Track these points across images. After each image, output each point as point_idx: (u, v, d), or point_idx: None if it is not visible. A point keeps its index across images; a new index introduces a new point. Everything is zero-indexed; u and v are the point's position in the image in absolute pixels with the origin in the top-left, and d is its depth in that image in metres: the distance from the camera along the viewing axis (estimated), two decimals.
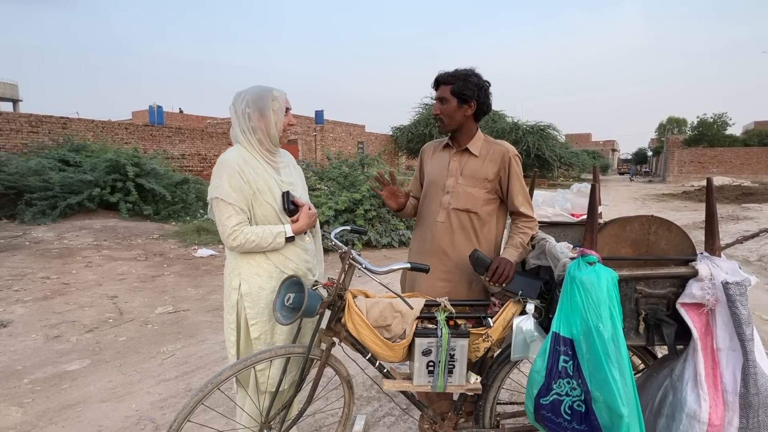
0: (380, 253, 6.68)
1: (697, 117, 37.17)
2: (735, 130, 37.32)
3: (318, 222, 1.90)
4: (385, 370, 1.72)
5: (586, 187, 2.12)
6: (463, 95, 1.74)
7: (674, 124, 53.13)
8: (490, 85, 1.82)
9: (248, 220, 1.64)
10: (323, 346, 1.66)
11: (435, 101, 1.82)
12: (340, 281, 1.60)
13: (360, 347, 1.66)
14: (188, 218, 9.34)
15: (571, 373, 1.30)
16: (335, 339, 1.67)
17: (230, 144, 1.76)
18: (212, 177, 1.62)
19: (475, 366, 1.73)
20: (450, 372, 1.66)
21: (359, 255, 1.63)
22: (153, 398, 2.58)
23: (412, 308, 1.60)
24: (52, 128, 11.38)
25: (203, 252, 6.45)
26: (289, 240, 1.67)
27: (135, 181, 9.03)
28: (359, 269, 1.57)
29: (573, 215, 2.09)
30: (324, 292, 1.62)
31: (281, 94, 1.68)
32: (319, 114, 23.90)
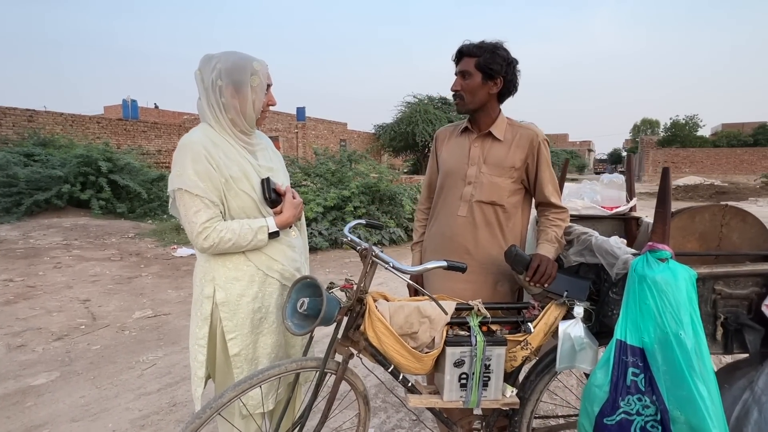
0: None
1: (670, 118, 38.40)
2: (704, 131, 38.67)
3: (303, 214, 1.63)
4: (409, 384, 1.50)
5: (618, 177, 1.96)
6: (490, 70, 1.54)
7: (648, 125, 54.74)
8: (518, 62, 1.62)
9: (221, 215, 1.37)
10: (339, 357, 1.43)
11: (456, 75, 1.60)
12: (362, 283, 1.38)
13: (381, 358, 1.43)
14: (165, 216, 8.89)
15: (643, 389, 1.11)
16: (353, 350, 1.45)
17: None
18: (173, 163, 1.34)
19: (510, 377, 1.53)
20: (485, 385, 1.46)
21: (382, 251, 1.40)
22: (133, 415, 2.29)
23: (446, 313, 1.39)
24: (16, 121, 10.71)
25: (183, 251, 6.08)
26: (273, 236, 1.42)
27: (108, 177, 8.54)
28: (386, 269, 1.34)
29: (604, 208, 1.92)
30: (342, 296, 1.39)
31: (262, 67, 1.39)
32: (300, 111, 23.43)
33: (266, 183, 1.43)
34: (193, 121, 17.71)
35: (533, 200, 1.72)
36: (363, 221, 1.74)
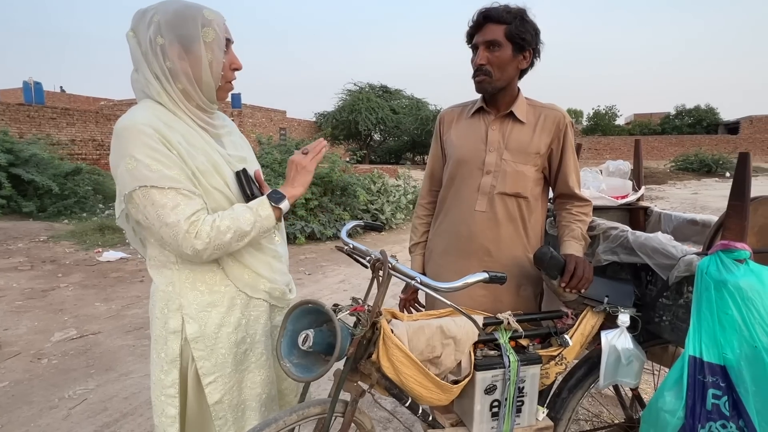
0: (326, 246, 6.10)
1: (592, 108, 41.54)
2: (620, 121, 42.31)
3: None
4: (430, 418, 1.25)
5: (624, 164, 1.83)
6: (522, 40, 1.30)
7: (572, 114, 58.80)
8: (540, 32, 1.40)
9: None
10: (344, 395, 1.14)
11: (478, 47, 1.34)
12: (377, 304, 1.09)
13: (397, 391, 1.17)
14: (85, 215, 7.84)
15: (728, 413, 0.96)
16: (363, 385, 1.16)
17: None
18: (117, 158, 0.96)
19: (540, 397, 1.33)
20: (518, 411, 1.25)
21: (398, 262, 1.12)
22: None
23: (481, 330, 1.15)
24: None
25: (110, 255, 5.33)
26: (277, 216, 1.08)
27: (8, 172, 7.31)
28: (414, 285, 1.06)
29: (611, 198, 1.78)
30: (350, 321, 1.10)
31: (217, 17, 1.03)
32: (235, 97, 22.02)
33: (244, 175, 1.10)
34: (112, 108, 15.84)
35: (549, 191, 1.53)
36: (361, 222, 1.45)
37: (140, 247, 1.15)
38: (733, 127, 35.25)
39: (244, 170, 1.11)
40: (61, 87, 26.96)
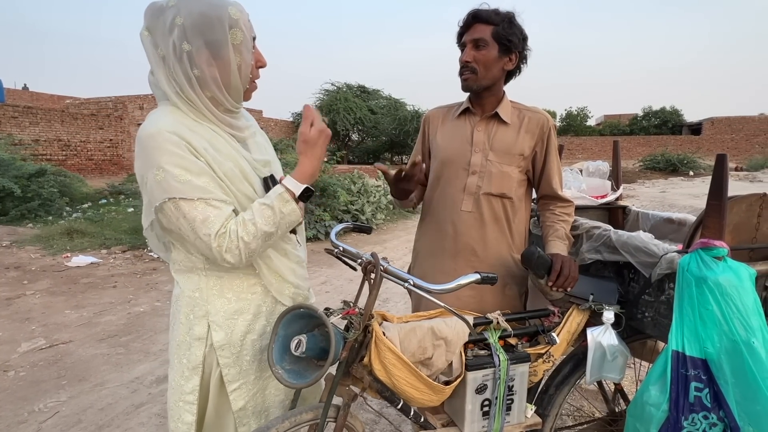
0: (306, 248, 6.03)
1: (565, 109, 42.69)
2: (591, 122, 43.64)
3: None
4: (421, 420, 1.25)
5: (603, 164, 1.88)
6: (508, 42, 1.33)
7: None
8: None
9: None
10: (337, 400, 1.13)
11: (465, 44, 1.37)
12: (369, 307, 1.08)
13: (389, 394, 1.16)
14: (51, 218, 7.50)
15: (709, 405, 0.99)
16: (355, 389, 1.15)
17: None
18: (142, 168, 0.94)
19: (528, 394, 1.36)
20: (507, 409, 1.27)
21: (389, 263, 1.12)
22: None
23: (473, 331, 1.16)
24: None
25: (80, 260, 5.11)
26: (305, 198, 1.00)
27: None
28: (406, 287, 1.06)
29: (592, 197, 1.83)
30: (339, 324, 1.09)
31: (242, 13, 0.97)
32: None
33: (272, 182, 1.07)
34: (78, 106, 15.19)
35: (533, 192, 1.57)
36: (350, 224, 1.44)
37: (163, 252, 1.13)
38: (695, 128, 36.87)
39: (272, 176, 1.09)
40: (24, 85, 25.77)
